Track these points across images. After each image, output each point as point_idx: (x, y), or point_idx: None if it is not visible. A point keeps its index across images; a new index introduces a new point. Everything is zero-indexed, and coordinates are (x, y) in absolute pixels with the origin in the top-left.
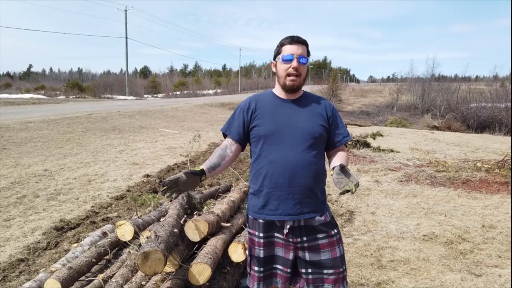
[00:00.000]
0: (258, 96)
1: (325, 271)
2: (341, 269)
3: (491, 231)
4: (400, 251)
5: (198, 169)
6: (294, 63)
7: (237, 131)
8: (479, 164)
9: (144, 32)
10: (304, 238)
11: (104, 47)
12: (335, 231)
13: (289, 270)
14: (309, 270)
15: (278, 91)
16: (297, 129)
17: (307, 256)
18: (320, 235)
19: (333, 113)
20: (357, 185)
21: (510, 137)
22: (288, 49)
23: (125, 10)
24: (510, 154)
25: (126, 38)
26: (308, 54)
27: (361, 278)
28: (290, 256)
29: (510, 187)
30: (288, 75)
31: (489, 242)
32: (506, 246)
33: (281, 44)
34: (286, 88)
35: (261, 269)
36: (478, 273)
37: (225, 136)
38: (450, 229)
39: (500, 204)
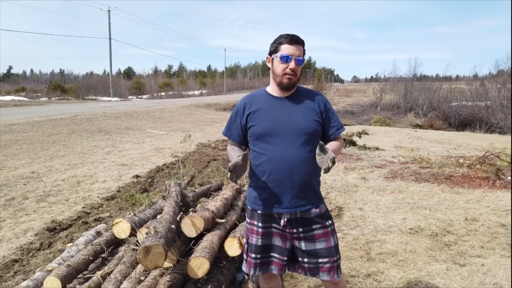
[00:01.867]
0: (252, 95)
1: (320, 260)
2: (335, 258)
3: (474, 223)
4: (388, 244)
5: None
6: (292, 64)
7: (237, 133)
8: (461, 160)
9: (127, 32)
10: (300, 229)
11: (87, 48)
12: (330, 222)
13: (285, 258)
14: (305, 259)
15: (272, 88)
16: (293, 126)
17: (303, 245)
18: (315, 226)
19: (326, 106)
20: (332, 160)
21: (490, 134)
22: (287, 49)
23: (109, 11)
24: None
25: (110, 39)
26: (304, 53)
27: (352, 270)
28: (287, 245)
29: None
30: (285, 74)
31: (472, 234)
32: (488, 237)
33: (280, 42)
34: (282, 86)
35: (258, 256)
36: (462, 263)
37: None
38: (435, 223)
39: (481, 198)
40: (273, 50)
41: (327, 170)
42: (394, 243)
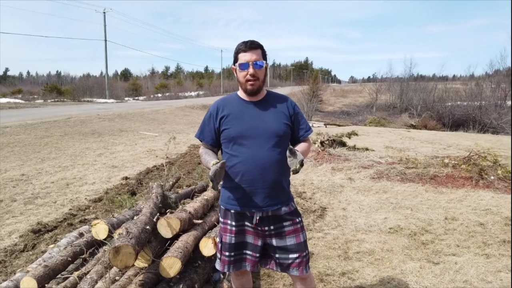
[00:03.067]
0: (224, 100)
1: (290, 256)
2: (304, 253)
3: (453, 222)
4: (366, 243)
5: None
6: (251, 70)
7: (210, 136)
8: (446, 161)
9: (124, 34)
10: (272, 227)
11: (83, 50)
12: (299, 219)
13: (257, 255)
14: (277, 255)
15: (242, 94)
16: (264, 129)
17: (274, 242)
18: (286, 223)
19: (295, 110)
20: (300, 162)
21: (482, 134)
22: (244, 57)
23: (104, 12)
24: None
25: (106, 40)
26: (264, 56)
27: (328, 269)
28: (259, 242)
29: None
30: (247, 80)
31: (450, 233)
32: (465, 236)
33: (237, 51)
34: (248, 93)
35: (232, 253)
36: (436, 261)
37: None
38: (415, 222)
39: (464, 197)
40: (234, 60)
41: (296, 171)
42: (372, 242)
